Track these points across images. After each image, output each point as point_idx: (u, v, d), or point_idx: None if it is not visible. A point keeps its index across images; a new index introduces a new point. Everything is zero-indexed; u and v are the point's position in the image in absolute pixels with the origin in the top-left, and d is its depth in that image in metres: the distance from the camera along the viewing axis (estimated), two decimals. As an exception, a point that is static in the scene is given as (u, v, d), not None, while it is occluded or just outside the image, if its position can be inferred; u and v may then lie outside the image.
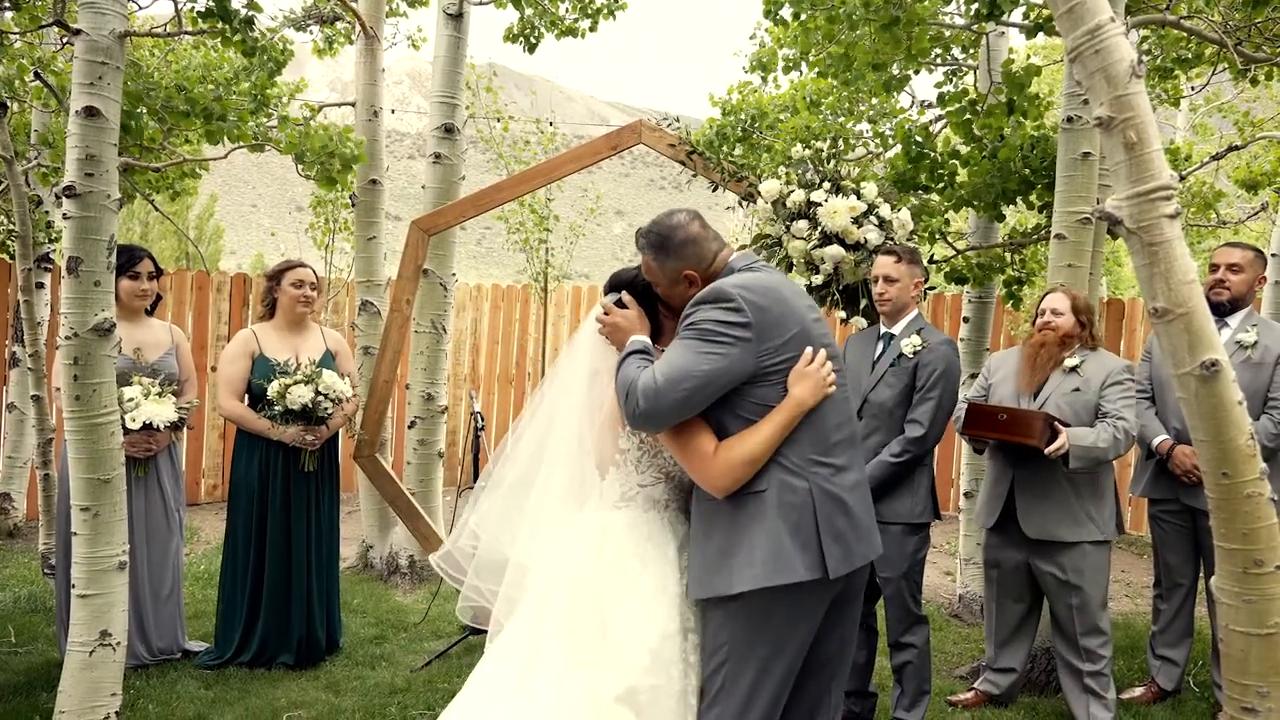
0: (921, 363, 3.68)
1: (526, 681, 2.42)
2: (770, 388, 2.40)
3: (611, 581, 2.46)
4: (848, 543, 2.40)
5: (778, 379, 2.40)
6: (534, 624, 2.49)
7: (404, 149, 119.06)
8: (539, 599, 2.52)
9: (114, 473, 3.34)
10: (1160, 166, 2.57)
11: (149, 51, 5.05)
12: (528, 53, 6.24)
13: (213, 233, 24.72)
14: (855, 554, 2.42)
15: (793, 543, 2.33)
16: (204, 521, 7.32)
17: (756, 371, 2.38)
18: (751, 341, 2.37)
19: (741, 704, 2.38)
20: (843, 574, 2.38)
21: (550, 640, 2.44)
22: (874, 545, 2.51)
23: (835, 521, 2.38)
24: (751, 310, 2.37)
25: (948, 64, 5.46)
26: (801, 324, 2.45)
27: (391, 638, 4.82)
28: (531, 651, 2.46)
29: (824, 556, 2.34)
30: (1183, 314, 2.61)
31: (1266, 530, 2.72)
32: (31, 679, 4.01)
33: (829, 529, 2.36)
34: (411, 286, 5.00)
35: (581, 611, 2.45)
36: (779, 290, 2.47)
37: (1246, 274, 4.14)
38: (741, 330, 2.36)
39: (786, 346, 2.41)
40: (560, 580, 2.50)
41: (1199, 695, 4.33)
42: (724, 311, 2.37)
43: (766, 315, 2.39)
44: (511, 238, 9.66)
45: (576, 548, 2.52)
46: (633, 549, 2.50)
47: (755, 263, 2.60)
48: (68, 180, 3.16)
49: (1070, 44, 2.63)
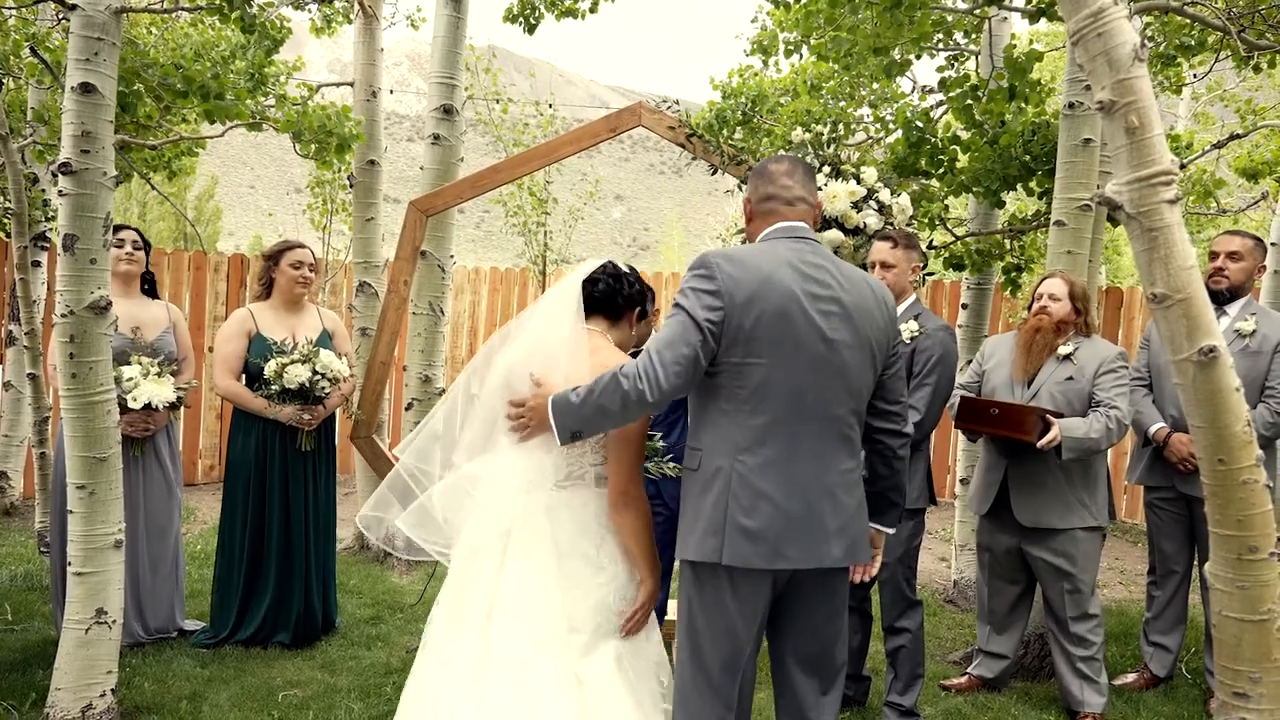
0: (919, 348, 3.66)
1: (483, 677, 2.44)
2: (732, 367, 2.39)
3: (571, 559, 2.53)
4: (765, 540, 2.37)
5: (735, 359, 2.39)
6: (479, 618, 2.52)
7: (403, 131, 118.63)
8: (481, 592, 2.55)
9: (110, 451, 3.34)
10: (1161, 151, 2.56)
11: (145, 28, 5.02)
12: (527, 34, 6.20)
13: (211, 214, 24.63)
14: (781, 554, 2.37)
15: (708, 525, 2.40)
16: (201, 502, 7.33)
17: (725, 340, 2.39)
18: (722, 310, 2.37)
19: (689, 666, 2.47)
20: (759, 567, 2.38)
21: (503, 633, 2.47)
22: (820, 553, 2.41)
23: (753, 514, 2.37)
24: (727, 282, 2.38)
25: (949, 49, 5.43)
26: (780, 304, 2.39)
27: (387, 618, 4.83)
28: (482, 647, 2.48)
29: (724, 544, 2.37)
30: (1181, 300, 2.61)
31: (1261, 516, 2.72)
32: (28, 656, 4.02)
33: (735, 520, 2.37)
34: (409, 268, 4.98)
35: (541, 594, 2.49)
36: (758, 264, 2.43)
37: (1246, 262, 4.13)
38: (713, 299, 2.37)
39: (754, 326, 2.38)
40: (510, 570, 2.53)
41: (1191, 682, 4.35)
42: (699, 279, 2.41)
43: (740, 289, 2.37)
44: (510, 221, 9.64)
45: (526, 533, 2.55)
46: (594, 524, 2.58)
47: (809, 242, 2.53)
48: (63, 157, 3.15)
49: (1073, 27, 2.61)
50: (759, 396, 2.40)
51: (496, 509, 2.59)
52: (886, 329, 2.56)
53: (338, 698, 3.80)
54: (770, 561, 2.37)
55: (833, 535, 2.43)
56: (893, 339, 2.59)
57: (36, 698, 3.56)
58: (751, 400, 2.40)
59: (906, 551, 3.72)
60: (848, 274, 2.52)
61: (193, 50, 4.71)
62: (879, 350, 2.53)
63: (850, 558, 2.48)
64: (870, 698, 4.01)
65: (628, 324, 2.78)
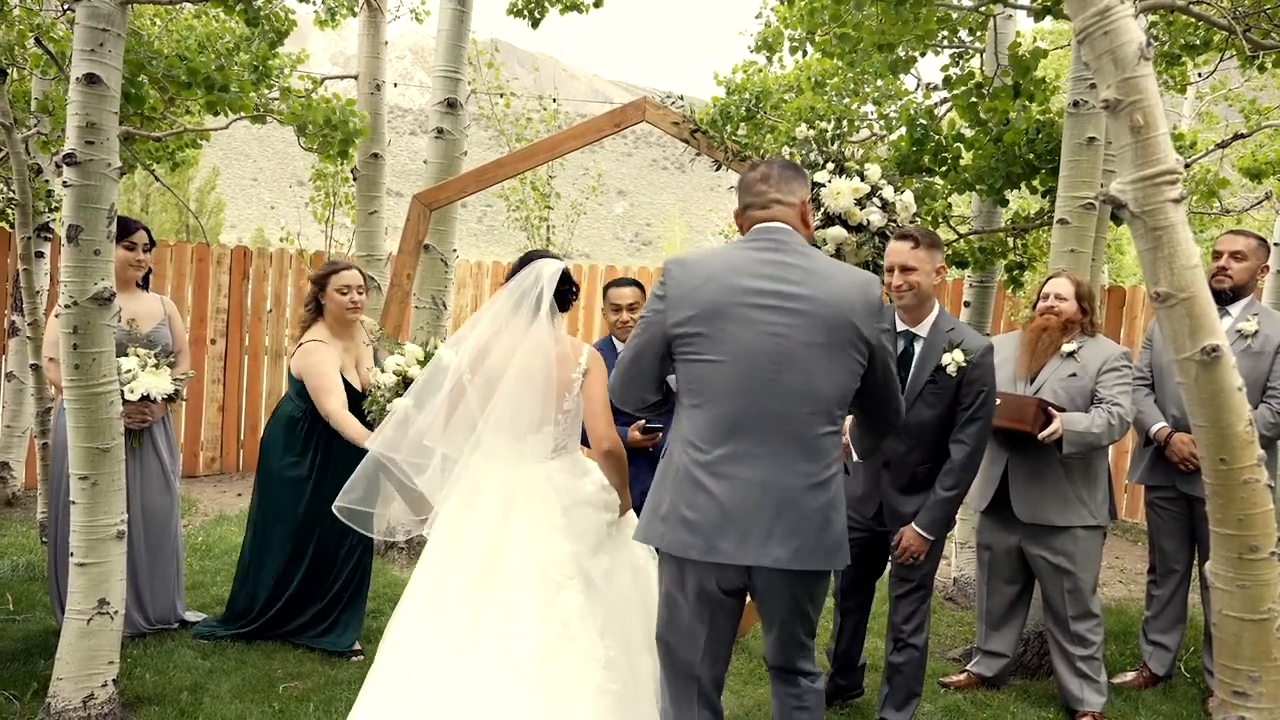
0: (967, 379, 3.34)
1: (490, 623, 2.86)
2: (682, 363, 2.50)
3: (576, 509, 3.03)
4: (701, 531, 2.42)
5: (683, 356, 2.49)
6: (476, 568, 2.94)
7: (406, 125, 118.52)
8: (478, 544, 2.96)
9: (113, 442, 3.35)
10: (1166, 150, 2.56)
11: (150, 20, 5.02)
12: (532, 27, 6.18)
13: (214, 206, 24.64)
14: (715, 548, 2.41)
15: (658, 512, 2.53)
16: (202, 494, 7.33)
17: (671, 342, 2.50)
18: (664, 312, 2.50)
19: (661, 635, 2.63)
20: (692, 558, 2.45)
21: (520, 581, 2.90)
22: (759, 553, 2.40)
23: (693, 506, 2.44)
24: (671, 284, 2.50)
25: (954, 46, 5.43)
26: (717, 302, 2.44)
27: (388, 611, 4.79)
28: (478, 598, 2.89)
29: (666, 531, 2.49)
30: (1185, 299, 2.61)
31: (1262, 516, 2.73)
32: (29, 646, 4.03)
33: (677, 510, 2.46)
34: (412, 261, 4.99)
35: (553, 544, 2.95)
36: (707, 265, 2.51)
37: (1249, 262, 4.12)
38: (658, 302, 2.53)
39: (690, 322, 2.46)
40: (518, 529, 2.97)
41: (1190, 681, 4.36)
42: (657, 284, 2.57)
43: (681, 289, 2.48)
44: (513, 215, 9.64)
45: (533, 500, 3.01)
46: (580, 470, 3.17)
47: (772, 241, 2.53)
48: (68, 148, 3.15)
49: (1079, 25, 2.61)
50: (704, 392, 2.46)
51: (493, 479, 3.03)
52: (866, 325, 2.48)
53: (338, 690, 3.81)
54: (704, 554, 2.42)
55: (778, 536, 2.40)
56: (879, 335, 2.53)
57: (38, 687, 3.57)
58: (699, 395, 2.47)
59: (935, 568, 3.56)
60: (817, 270, 2.49)
61: (197, 42, 4.71)
62: (855, 348, 2.48)
63: (801, 562, 2.42)
64: (868, 694, 4.00)
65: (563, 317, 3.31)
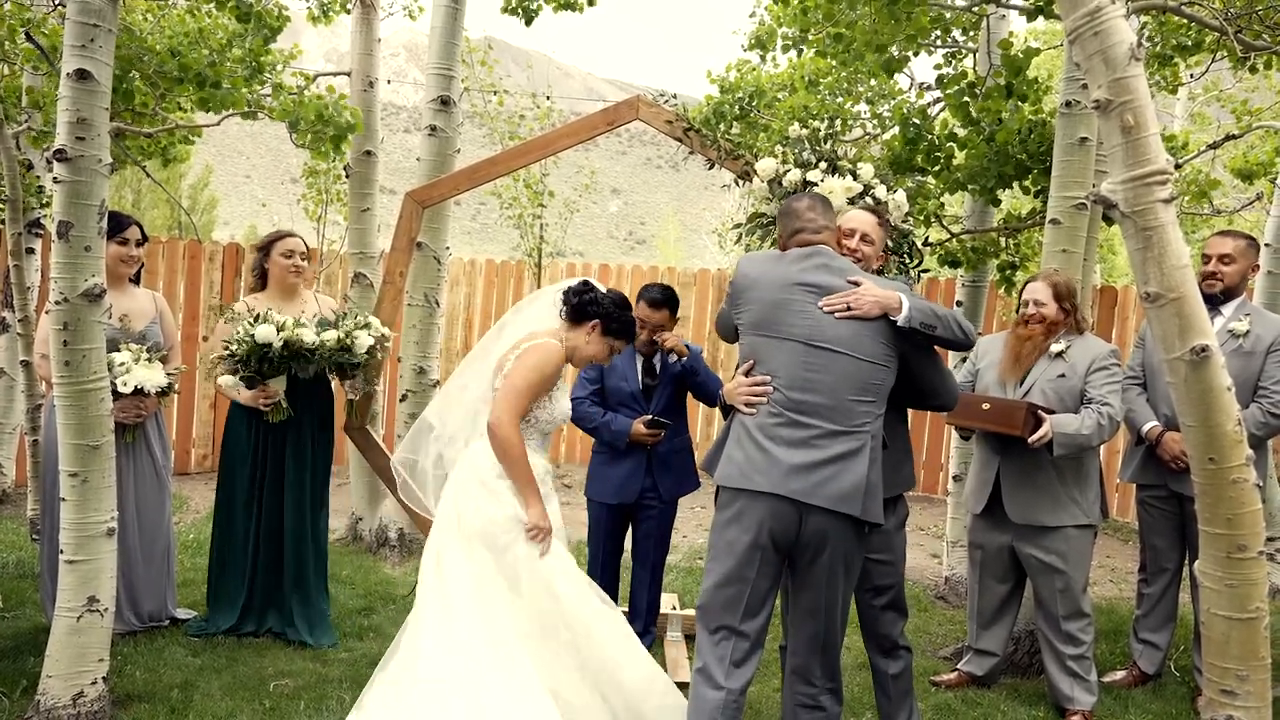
0: None
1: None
2: (744, 336, 3.08)
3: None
4: (739, 467, 2.94)
5: (742, 332, 3.10)
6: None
7: (399, 122, 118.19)
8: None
9: (103, 439, 3.34)
10: (1157, 150, 2.57)
11: (142, 15, 5.00)
12: (525, 25, 6.17)
13: (206, 203, 24.51)
14: (749, 479, 2.90)
15: (719, 454, 3.06)
16: (194, 491, 7.32)
17: (740, 320, 3.10)
18: (732, 295, 3.13)
19: (709, 572, 3.01)
20: (732, 486, 2.93)
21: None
22: (780, 484, 2.86)
23: (740, 449, 2.96)
24: (739, 275, 3.10)
25: (947, 46, 5.43)
26: (773, 291, 2.99)
27: (380, 609, 4.83)
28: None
29: (720, 470, 3.02)
30: (1175, 299, 2.62)
31: (1250, 516, 2.74)
32: (19, 643, 4.02)
33: (730, 453, 2.99)
34: (405, 259, 4.97)
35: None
36: (768, 261, 3.10)
37: (1239, 264, 4.13)
38: (731, 287, 3.14)
39: (746, 310, 3.06)
40: None
41: (1179, 679, 4.38)
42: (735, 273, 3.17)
43: (742, 282, 3.08)
44: (506, 213, 9.63)
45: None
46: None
47: (814, 252, 3.03)
48: (59, 144, 3.13)
49: (1070, 26, 2.62)
50: (761, 367, 2.98)
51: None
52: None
53: (329, 688, 3.81)
54: (739, 482, 2.92)
55: (794, 472, 2.86)
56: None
57: (28, 685, 3.55)
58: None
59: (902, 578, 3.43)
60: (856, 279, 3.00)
61: (189, 38, 4.68)
62: (887, 340, 2.95)
63: (813, 497, 2.84)
64: (862, 692, 4.01)
65: (584, 332, 3.45)
